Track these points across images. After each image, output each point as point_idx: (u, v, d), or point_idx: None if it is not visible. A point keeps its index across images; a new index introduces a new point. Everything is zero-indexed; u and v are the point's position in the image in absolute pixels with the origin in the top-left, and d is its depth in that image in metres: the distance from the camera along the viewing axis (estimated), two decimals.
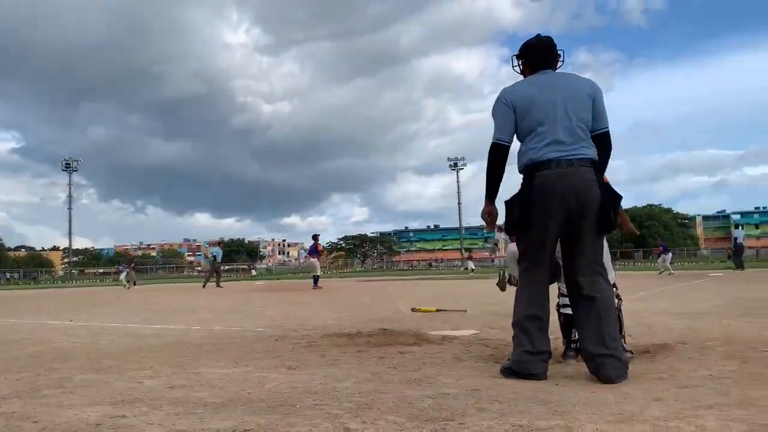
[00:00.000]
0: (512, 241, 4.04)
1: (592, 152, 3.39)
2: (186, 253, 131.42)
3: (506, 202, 3.52)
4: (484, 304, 9.23)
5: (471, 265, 42.37)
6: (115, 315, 9.59)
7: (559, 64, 3.64)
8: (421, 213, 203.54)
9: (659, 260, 23.22)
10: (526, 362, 3.36)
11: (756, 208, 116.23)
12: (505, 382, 3.28)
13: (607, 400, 2.81)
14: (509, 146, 3.48)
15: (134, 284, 29.03)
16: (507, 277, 6.03)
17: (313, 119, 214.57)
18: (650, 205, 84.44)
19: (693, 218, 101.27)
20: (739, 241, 25.61)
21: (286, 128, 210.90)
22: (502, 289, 5.66)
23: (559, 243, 3.49)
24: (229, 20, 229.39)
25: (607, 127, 3.48)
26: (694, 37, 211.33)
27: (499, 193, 3.56)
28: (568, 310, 3.92)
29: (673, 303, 8.53)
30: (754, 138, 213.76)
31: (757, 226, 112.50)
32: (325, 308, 9.70)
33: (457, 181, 72.45)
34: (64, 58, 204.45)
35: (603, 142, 3.47)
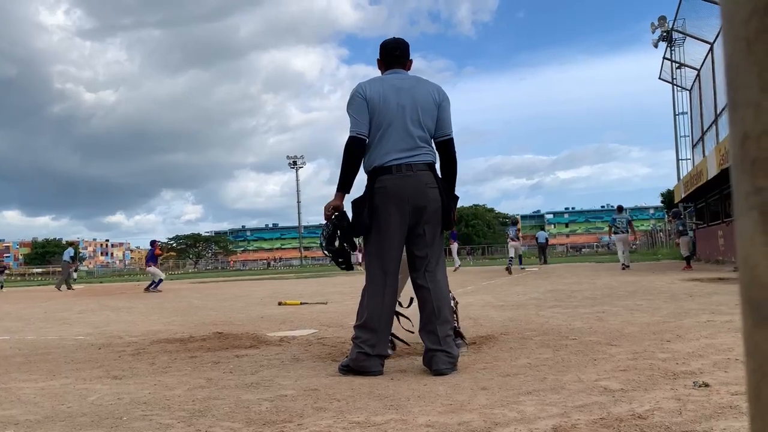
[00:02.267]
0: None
1: (431, 157, 3.56)
2: None
3: (352, 203, 3.59)
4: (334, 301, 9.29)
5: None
6: None
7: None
8: (259, 211, 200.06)
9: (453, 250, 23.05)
10: (362, 362, 3.44)
11: (566, 208, 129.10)
12: (342, 380, 3.33)
13: (438, 391, 2.95)
14: (366, 140, 3.53)
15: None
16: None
17: (142, 110, 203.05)
18: (475, 205, 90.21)
19: (512, 217, 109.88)
20: (540, 241, 28.91)
21: (111, 119, 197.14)
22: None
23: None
24: None
25: (450, 134, 3.64)
26: (515, 50, 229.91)
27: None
28: None
29: (497, 296, 9.18)
30: (566, 145, 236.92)
31: (566, 225, 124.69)
32: (153, 312, 9.19)
33: (297, 180, 72.22)
34: None
35: (447, 148, 3.63)
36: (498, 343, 4.41)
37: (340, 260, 3.71)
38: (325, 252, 3.73)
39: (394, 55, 3.66)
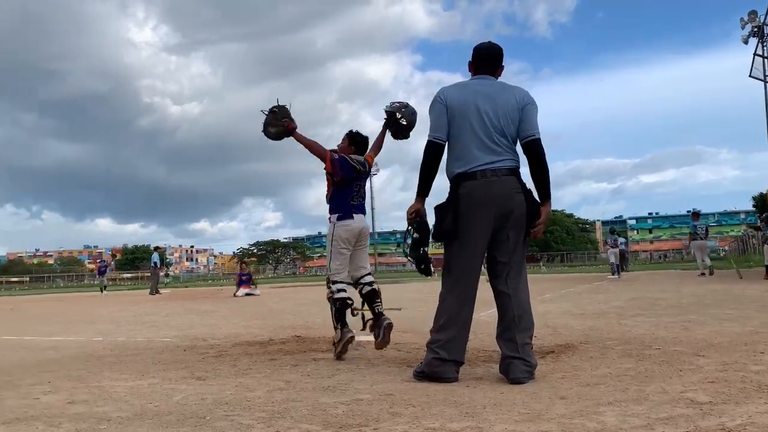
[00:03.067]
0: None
1: (514, 163, 3.50)
2: (87, 261, 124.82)
3: (435, 209, 3.58)
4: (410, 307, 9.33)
5: None
6: (9, 327, 9.00)
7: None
8: None
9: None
10: (437, 367, 3.42)
11: (650, 213, 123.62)
12: (418, 386, 3.33)
13: (515, 400, 2.90)
14: (444, 144, 3.52)
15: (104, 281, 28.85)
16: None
17: (224, 121, 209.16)
18: (553, 211, 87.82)
19: (593, 223, 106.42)
20: (621, 248, 27.90)
21: (196, 130, 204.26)
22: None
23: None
24: (135, 17, 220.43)
25: (536, 135, 3.50)
26: (594, 51, 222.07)
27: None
28: (343, 294, 4.51)
29: (576, 304, 8.94)
30: (649, 148, 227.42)
31: (650, 231, 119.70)
32: (235, 316, 9.49)
33: (371, 187, 72.83)
34: None
35: (533, 148, 3.51)
36: (577, 353, 4.30)
37: (422, 266, 3.71)
38: (409, 258, 3.77)
39: (485, 60, 3.64)
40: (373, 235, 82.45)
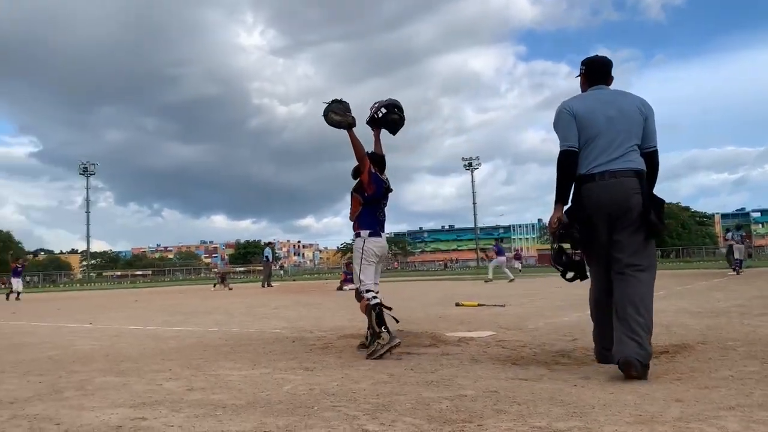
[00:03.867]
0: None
1: (637, 164, 3.58)
2: (203, 255, 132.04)
3: (566, 212, 3.70)
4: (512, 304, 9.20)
5: (517, 264, 41.25)
6: (135, 318, 9.68)
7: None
8: (436, 213, 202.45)
9: (490, 264, 21.17)
10: (604, 356, 3.70)
11: None
12: (523, 384, 3.28)
13: (626, 401, 2.79)
14: (577, 152, 3.64)
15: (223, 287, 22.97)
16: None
17: None
18: (667, 204, 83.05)
19: (711, 216, 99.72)
20: (729, 242, 26.06)
21: (301, 130, 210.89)
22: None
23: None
24: (244, 22, 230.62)
25: (656, 146, 3.68)
26: (712, 33, 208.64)
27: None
28: (378, 299, 4.57)
29: (693, 302, 8.45)
30: None
31: None
32: (340, 309, 9.71)
33: (472, 181, 71.94)
34: (80, 61, 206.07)
35: (652, 159, 3.67)
36: (694, 353, 4.07)
37: (568, 274, 3.84)
38: (556, 267, 3.90)
39: (601, 72, 3.82)
40: (474, 230, 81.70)
